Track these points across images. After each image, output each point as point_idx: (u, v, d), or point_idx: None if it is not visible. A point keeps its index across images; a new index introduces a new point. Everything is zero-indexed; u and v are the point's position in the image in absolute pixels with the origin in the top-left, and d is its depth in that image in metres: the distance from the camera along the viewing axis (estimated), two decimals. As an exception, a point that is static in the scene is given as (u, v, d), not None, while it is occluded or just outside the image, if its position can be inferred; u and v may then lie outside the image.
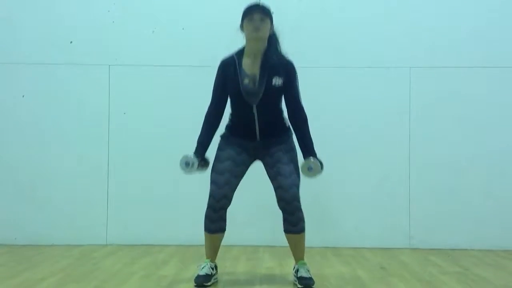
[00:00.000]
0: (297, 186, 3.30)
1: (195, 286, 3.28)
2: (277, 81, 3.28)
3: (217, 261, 3.47)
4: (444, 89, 4.69)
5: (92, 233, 4.65)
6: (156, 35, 4.74)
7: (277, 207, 3.35)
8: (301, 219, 3.31)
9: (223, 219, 3.35)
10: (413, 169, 4.66)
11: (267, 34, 3.31)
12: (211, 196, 3.31)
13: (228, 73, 3.32)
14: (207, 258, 3.41)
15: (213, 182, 3.33)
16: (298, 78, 3.38)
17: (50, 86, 4.71)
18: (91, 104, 4.71)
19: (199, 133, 3.38)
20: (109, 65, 4.72)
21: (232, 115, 3.41)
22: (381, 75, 4.70)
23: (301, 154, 3.36)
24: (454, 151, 4.65)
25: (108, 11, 4.75)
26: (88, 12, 4.74)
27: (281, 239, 3.46)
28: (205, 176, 3.45)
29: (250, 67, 3.30)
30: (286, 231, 3.34)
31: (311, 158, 3.30)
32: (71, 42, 4.73)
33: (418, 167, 4.66)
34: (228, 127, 3.43)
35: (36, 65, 4.70)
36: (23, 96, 4.70)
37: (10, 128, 4.69)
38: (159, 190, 4.66)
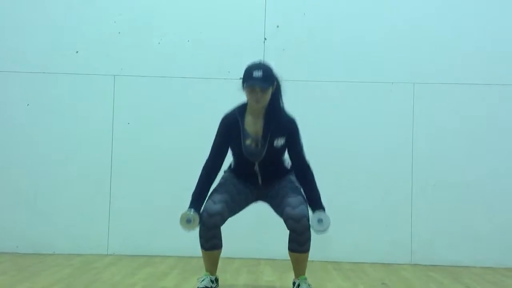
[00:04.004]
0: (304, 204, 3.23)
1: (195, 298, 3.28)
2: (279, 141, 3.27)
3: (218, 273, 3.46)
4: (447, 105, 4.69)
5: (94, 243, 4.65)
6: (162, 47, 4.77)
7: (278, 220, 3.34)
8: (309, 238, 3.23)
9: (217, 237, 3.27)
10: (416, 185, 4.66)
11: (268, 99, 3.25)
12: (204, 210, 3.21)
13: (231, 132, 3.30)
14: (207, 271, 3.40)
15: (209, 198, 3.29)
16: (301, 134, 3.33)
17: (55, 95, 4.73)
18: (95, 114, 4.72)
19: (194, 188, 3.30)
20: (114, 76, 4.74)
21: (235, 165, 3.42)
22: (384, 91, 4.71)
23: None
24: (456, 168, 4.65)
25: (114, 21, 4.78)
26: (94, 22, 4.77)
27: (283, 252, 3.44)
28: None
29: (252, 126, 3.28)
30: (292, 250, 3.26)
31: (321, 211, 3.24)
32: (76, 51, 4.76)
33: (420, 183, 4.66)
34: (231, 169, 3.44)
35: (41, 74, 4.73)
36: (27, 104, 4.72)
37: (14, 137, 4.70)
38: (161, 200, 4.66)
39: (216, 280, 3.42)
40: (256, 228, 4.56)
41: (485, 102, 4.69)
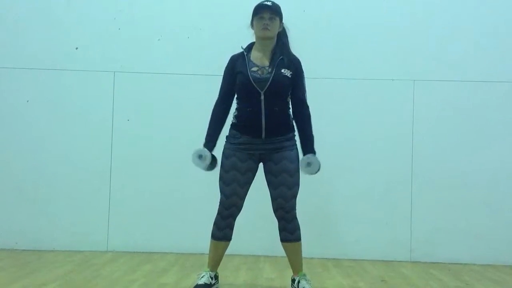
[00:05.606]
0: (295, 196, 3.36)
1: (194, 295, 3.28)
2: (286, 71, 3.33)
3: (218, 270, 3.46)
4: (447, 102, 4.69)
5: (93, 240, 4.65)
6: (162, 43, 4.76)
7: (278, 217, 3.36)
8: (298, 227, 3.38)
9: (230, 228, 3.38)
10: (415, 182, 4.66)
11: (275, 32, 3.37)
12: (221, 204, 3.37)
13: (237, 64, 3.37)
14: (208, 267, 3.41)
15: (221, 191, 3.37)
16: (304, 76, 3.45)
17: (55, 91, 4.72)
18: (95, 110, 4.72)
19: (206, 129, 3.40)
20: (114, 72, 4.73)
21: (238, 108, 3.40)
22: (385, 87, 4.71)
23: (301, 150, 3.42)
24: (456, 165, 4.65)
25: (114, 18, 4.77)
26: (94, 19, 4.76)
27: (282, 249, 3.45)
28: (208, 184, 3.45)
29: (259, 60, 3.37)
30: (284, 240, 3.39)
31: (310, 155, 3.35)
32: (76, 48, 4.75)
33: (420, 180, 4.65)
34: (233, 125, 3.42)
35: (41, 71, 4.72)
36: (27, 101, 4.71)
37: (14, 133, 4.69)
38: (161, 197, 4.66)
39: (216, 277, 3.43)
40: (255, 225, 4.56)
41: (485, 100, 4.68)
